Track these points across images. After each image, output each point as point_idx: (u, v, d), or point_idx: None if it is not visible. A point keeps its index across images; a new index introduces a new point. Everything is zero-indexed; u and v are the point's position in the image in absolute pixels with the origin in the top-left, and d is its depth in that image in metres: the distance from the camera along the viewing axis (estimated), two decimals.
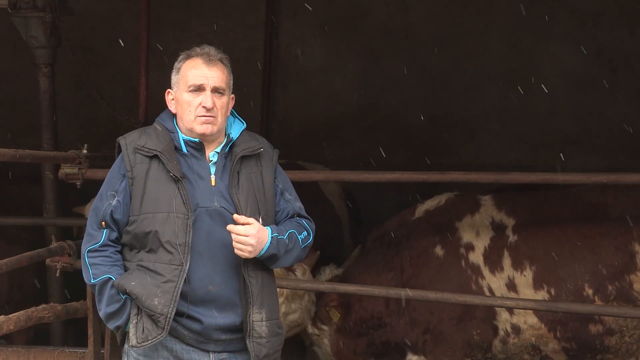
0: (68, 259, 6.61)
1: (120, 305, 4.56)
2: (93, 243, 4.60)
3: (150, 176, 4.59)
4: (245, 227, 4.56)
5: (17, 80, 9.91)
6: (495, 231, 6.65)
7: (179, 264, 4.51)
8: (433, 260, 6.70)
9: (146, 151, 4.61)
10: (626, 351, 6.49)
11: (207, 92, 4.63)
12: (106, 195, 4.63)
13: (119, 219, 4.60)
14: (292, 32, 10.52)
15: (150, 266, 4.54)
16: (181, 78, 4.70)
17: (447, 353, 6.64)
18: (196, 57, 4.71)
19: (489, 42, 10.22)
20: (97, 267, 4.58)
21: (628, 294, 6.41)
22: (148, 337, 4.51)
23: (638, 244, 6.45)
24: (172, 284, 4.50)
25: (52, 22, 7.84)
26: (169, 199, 4.55)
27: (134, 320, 4.54)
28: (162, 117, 4.78)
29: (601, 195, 6.63)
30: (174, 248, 4.51)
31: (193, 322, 4.57)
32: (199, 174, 4.63)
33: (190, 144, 4.66)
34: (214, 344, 4.61)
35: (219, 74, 4.67)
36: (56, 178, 7.38)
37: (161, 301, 4.49)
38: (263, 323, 4.63)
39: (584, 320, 6.43)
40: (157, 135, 4.66)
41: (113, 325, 4.61)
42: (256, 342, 4.62)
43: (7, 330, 5.99)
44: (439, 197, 6.92)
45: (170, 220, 4.53)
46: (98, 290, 4.58)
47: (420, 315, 6.65)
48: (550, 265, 6.48)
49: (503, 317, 6.54)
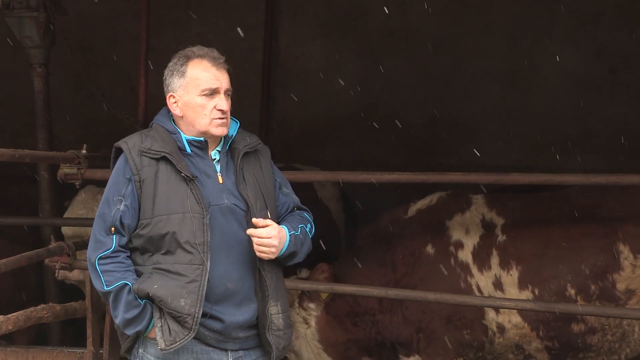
0: (67, 259, 6.60)
1: (140, 310, 4.54)
2: (104, 250, 4.56)
3: (160, 178, 4.57)
4: (267, 229, 4.58)
5: (16, 81, 9.90)
6: (485, 230, 6.68)
7: (200, 263, 4.50)
8: (424, 258, 6.72)
9: (153, 153, 4.60)
10: (608, 349, 6.52)
11: (221, 94, 4.66)
12: (112, 201, 4.59)
13: (128, 224, 4.58)
14: (292, 32, 10.52)
15: (170, 268, 4.52)
16: (190, 81, 4.66)
17: (440, 352, 6.65)
18: (201, 60, 4.69)
19: (488, 42, 10.22)
20: (110, 274, 4.54)
21: (611, 293, 6.43)
22: (176, 339, 4.50)
23: (623, 244, 6.47)
24: (197, 284, 4.49)
25: (46, 21, 7.83)
26: (182, 200, 4.54)
27: (159, 323, 4.52)
28: (159, 119, 4.77)
29: (589, 196, 6.66)
30: (193, 248, 4.51)
31: (214, 322, 4.57)
32: (206, 173, 4.64)
33: (194, 143, 4.66)
34: (232, 343, 4.63)
35: (227, 76, 4.71)
36: (52, 178, 7.36)
37: (187, 302, 4.47)
38: (279, 315, 4.67)
39: (566, 320, 6.45)
40: (161, 137, 4.65)
41: (132, 330, 4.57)
42: (275, 334, 4.66)
43: (6, 330, 5.98)
44: (430, 197, 6.95)
45: (187, 220, 4.52)
46: (113, 297, 4.54)
47: (412, 314, 6.67)
48: (535, 266, 6.51)
49: (490, 317, 6.57)
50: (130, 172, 4.59)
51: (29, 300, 7.38)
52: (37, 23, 7.84)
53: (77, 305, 6.76)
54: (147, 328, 4.56)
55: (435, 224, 6.77)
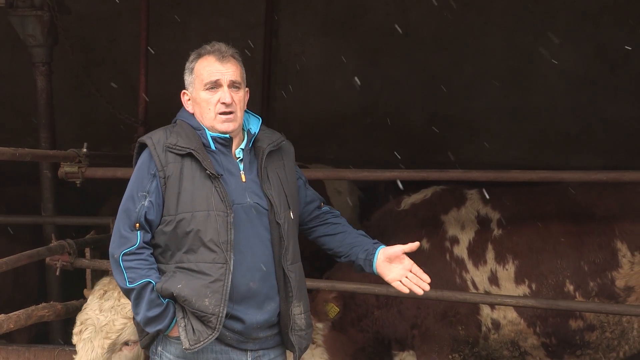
0: (68, 257, 6.60)
1: (163, 309, 4.51)
2: (129, 245, 4.52)
3: (185, 175, 4.54)
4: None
5: (17, 80, 9.92)
6: (480, 225, 6.66)
7: (223, 262, 4.47)
8: (419, 253, 6.68)
9: (179, 149, 4.55)
10: (607, 346, 6.51)
11: (224, 87, 4.61)
12: (137, 197, 4.54)
13: (152, 220, 4.54)
14: (292, 31, 10.53)
15: (193, 267, 4.48)
16: (196, 77, 4.65)
17: (435, 349, 6.63)
18: (208, 55, 4.68)
19: (488, 40, 10.22)
20: (133, 270, 4.51)
21: (610, 290, 6.43)
22: (200, 339, 4.47)
23: (620, 242, 6.47)
24: (221, 283, 4.46)
25: (49, 20, 7.86)
26: (207, 197, 4.50)
27: (182, 323, 4.50)
28: (183, 115, 4.71)
29: (586, 193, 6.65)
30: (217, 246, 4.48)
31: (236, 323, 4.54)
32: (229, 171, 4.61)
33: (219, 140, 4.62)
34: (252, 343, 4.60)
35: (234, 69, 4.64)
36: (54, 177, 7.37)
37: (212, 301, 4.45)
38: (302, 316, 4.66)
39: (564, 316, 6.44)
40: (187, 134, 4.60)
41: (153, 329, 4.54)
42: (298, 335, 4.65)
43: (7, 329, 5.98)
44: (425, 191, 6.91)
45: (211, 219, 4.49)
46: (136, 294, 4.51)
47: (407, 309, 6.65)
48: (532, 260, 6.50)
49: (485, 312, 6.56)
50: (155, 168, 4.55)
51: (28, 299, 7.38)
52: (41, 22, 7.86)
53: (78, 304, 6.75)
54: (168, 327, 4.54)
55: (431, 219, 6.75)
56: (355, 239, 4.82)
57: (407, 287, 4.67)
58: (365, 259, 4.75)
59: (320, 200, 4.90)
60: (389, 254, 4.70)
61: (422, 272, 4.68)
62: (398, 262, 4.68)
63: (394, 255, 4.68)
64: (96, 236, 6.96)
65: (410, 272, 4.69)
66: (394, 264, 4.69)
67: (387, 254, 4.71)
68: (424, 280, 4.67)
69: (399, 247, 4.69)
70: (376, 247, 4.77)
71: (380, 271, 4.73)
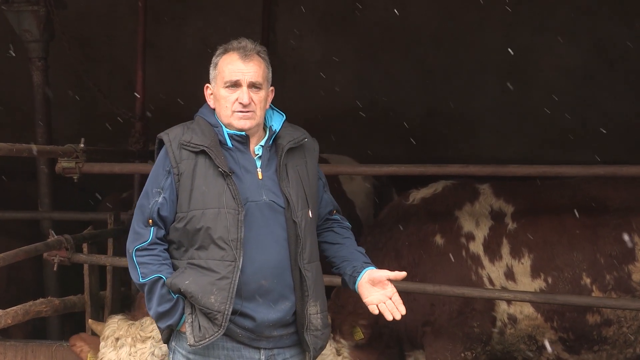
0: (65, 253, 6.60)
1: (172, 304, 4.51)
2: (141, 241, 4.53)
3: (198, 172, 4.53)
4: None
5: (14, 76, 9.91)
6: (494, 220, 6.61)
7: (232, 260, 4.45)
8: (433, 249, 6.63)
9: (192, 147, 4.54)
10: (624, 342, 6.48)
11: (243, 87, 4.58)
12: (152, 193, 4.55)
13: (166, 216, 4.54)
14: (289, 26, 10.52)
15: (202, 264, 4.48)
16: (218, 73, 4.63)
17: (448, 347, 6.58)
18: (232, 52, 4.64)
19: (487, 36, 10.22)
20: (146, 266, 4.52)
21: (627, 284, 6.39)
22: (205, 336, 4.46)
23: (637, 236, 6.45)
24: (228, 281, 4.44)
25: (46, 15, 7.84)
26: (219, 195, 4.49)
27: (189, 319, 4.49)
28: (203, 111, 4.70)
29: (601, 187, 6.61)
30: (226, 244, 4.46)
31: (246, 320, 4.52)
32: (245, 168, 4.58)
33: (235, 137, 4.60)
34: (266, 341, 4.57)
35: (256, 69, 4.61)
36: (51, 172, 7.36)
37: (217, 298, 4.43)
38: (318, 315, 4.61)
39: (581, 311, 6.40)
40: (202, 131, 4.59)
41: (164, 324, 4.55)
42: (313, 335, 4.60)
43: (5, 324, 5.99)
44: (435, 185, 6.83)
45: (222, 216, 4.47)
46: (148, 289, 4.52)
47: (420, 306, 6.57)
48: (547, 254, 6.47)
49: (501, 308, 6.52)
50: (170, 164, 4.54)
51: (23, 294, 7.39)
52: (37, 17, 7.86)
53: (76, 299, 6.77)
54: (178, 322, 4.53)
55: (444, 213, 6.69)
56: (349, 254, 4.77)
57: (380, 311, 4.60)
58: (351, 275, 4.70)
59: (334, 207, 4.85)
60: (374, 277, 4.63)
61: (401, 302, 4.60)
62: (381, 286, 4.61)
63: (378, 279, 4.61)
64: (94, 231, 6.96)
65: (390, 300, 4.61)
66: (376, 288, 4.63)
67: (372, 277, 4.64)
68: (399, 311, 4.59)
69: (384, 273, 4.61)
70: (365, 266, 4.70)
71: (361, 291, 4.66)
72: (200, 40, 10.27)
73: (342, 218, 4.90)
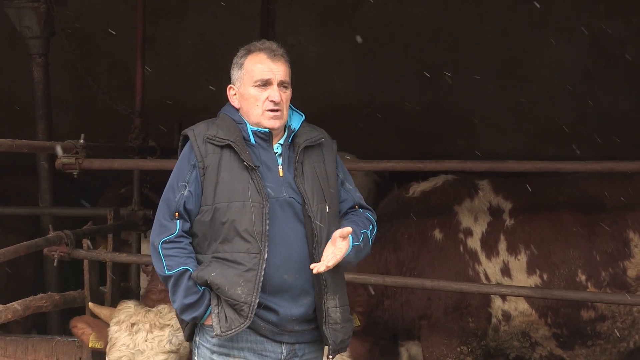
0: (65, 248, 6.62)
1: (199, 296, 4.57)
2: (168, 234, 4.59)
3: (223, 166, 4.61)
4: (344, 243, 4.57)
5: (14, 72, 9.92)
6: (492, 216, 6.65)
7: (257, 252, 4.53)
8: (432, 243, 6.67)
9: (218, 141, 4.63)
10: (618, 336, 6.52)
11: (274, 86, 4.67)
12: (177, 186, 4.62)
13: (191, 210, 4.61)
14: (288, 21, 10.54)
15: (228, 257, 4.55)
16: (245, 73, 4.70)
17: (444, 341, 6.62)
18: (259, 52, 4.72)
19: (484, 32, 10.24)
20: (172, 258, 4.58)
21: (622, 280, 6.43)
22: (232, 326, 4.53)
23: (633, 232, 6.48)
24: (254, 273, 4.51)
25: (46, 12, 7.87)
26: (243, 188, 4.57)
27: (216, 310, 4.55)
28: (226, 109, 4.78)
29: (598, 183, 6.65)
30: (251, 237, 4.53)
31: (269, 313, 4.59)
32: (267, 165, 4.66)
33: (259, 134, 4.68)
34: (288, 335, 4.64)
35: (284, 68, 4.70)
36: (51, 168, 7.38)
37: (244, 290, 4.50)
38: (337, 309, 4.67)
39: (575, 307, 6.44)
40: (227, 126, 4.68)
41: (189, 316, 4.60)
42: (332, 328, 4.66)
43: (5, 319, 6.00)
44: (435, 179, 6.87)
45: (247, 209, 4.55)
46: (174, 282, 4.57)
47: (417, 299, 6.62)
48: (543, 250, 6.50)
49: (496, 304, 6.55)
50: (195, 158, 4.62)
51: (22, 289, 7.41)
52: (38, 13, 7.88)
53: (76, 295, 6.79)
54: (204, 315, 4.59)
55: (443, 208, 6.73)
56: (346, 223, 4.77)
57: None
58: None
59: (355, 202, 4.88)
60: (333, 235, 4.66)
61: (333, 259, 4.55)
62: (332, 243, 4.65)
63: (334, 236, 4.64)
64: (94, 227, 6.98)
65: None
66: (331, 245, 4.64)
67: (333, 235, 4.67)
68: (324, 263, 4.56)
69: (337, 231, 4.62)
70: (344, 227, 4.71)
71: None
72: (199, 37, 10.28)
73: (365, 211, 4.89)
